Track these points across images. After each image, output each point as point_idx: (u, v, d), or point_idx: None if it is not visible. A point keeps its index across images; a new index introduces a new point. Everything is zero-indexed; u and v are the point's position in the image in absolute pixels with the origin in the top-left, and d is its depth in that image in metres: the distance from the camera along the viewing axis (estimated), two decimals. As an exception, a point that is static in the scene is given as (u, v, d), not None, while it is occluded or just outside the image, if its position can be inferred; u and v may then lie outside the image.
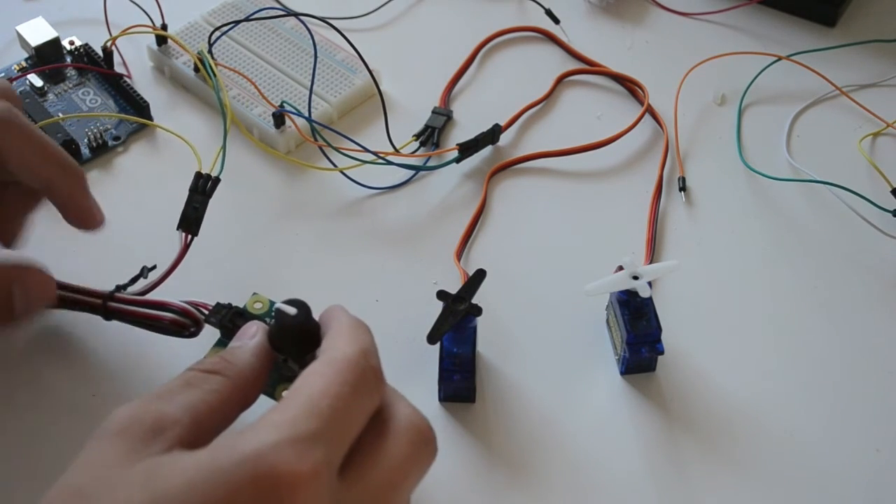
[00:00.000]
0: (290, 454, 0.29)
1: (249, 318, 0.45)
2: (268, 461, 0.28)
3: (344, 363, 0.32)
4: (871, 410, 0.46)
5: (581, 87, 0.61)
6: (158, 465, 0.29)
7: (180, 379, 0.33)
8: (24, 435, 0.44)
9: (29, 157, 0.42)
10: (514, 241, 0.53)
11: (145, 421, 0.31)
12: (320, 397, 0.31)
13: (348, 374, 0.32)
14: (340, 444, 0.31)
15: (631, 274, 0.46)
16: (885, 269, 0.51)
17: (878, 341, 0.48)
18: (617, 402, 0.46)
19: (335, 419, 0.30)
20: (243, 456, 0.29)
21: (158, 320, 0.45)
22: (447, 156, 0.55)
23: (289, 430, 0.29)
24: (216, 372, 0.34)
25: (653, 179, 0.55)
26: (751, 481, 0.43)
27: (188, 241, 0.48)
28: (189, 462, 0.29)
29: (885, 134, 0.58)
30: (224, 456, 0.29)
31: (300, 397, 0.31)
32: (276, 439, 0.29)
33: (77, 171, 0.45)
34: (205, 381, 0.33)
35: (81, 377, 0.46)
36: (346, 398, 0.31)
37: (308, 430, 0.29)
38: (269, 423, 0.30)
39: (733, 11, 0.66)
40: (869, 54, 0.63)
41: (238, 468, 0.28)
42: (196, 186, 0.48)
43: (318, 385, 0.31)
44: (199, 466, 0.29)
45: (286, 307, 0.42)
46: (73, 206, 0.45)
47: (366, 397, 0.32)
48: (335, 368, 0.32)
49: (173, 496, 0.28)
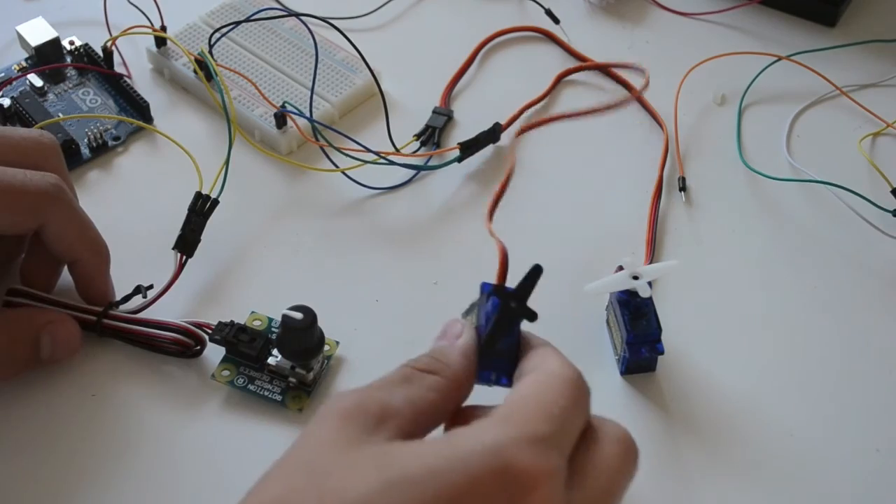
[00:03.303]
0: (531, 452, 0.30)
1: (252, 334, 0.45)
2: (509, 454, 0.29)
3: (568, 379, 0.33)
4: (871, 410, 0.46)
5: (580, 85, 0.61)
6: (390, 451, 0.30)
7: (398, 374, 0.34)
8: (24, 437, 0.44)
9: (67, 236, 0.45)
10: (514, 242, 0.53)
11: (370, 409, 0.32)
12: (552, 404, 0.32)
13: (571, 388, 0.33)
14: (567, 451, 0.32)
15: (631, 274, 0.46)
16: (885, 269, 0.51)
17: (878, 341, 0.49)
18: (617, 402, 0.46)
19: (564, 426, 0.32)
20: (485, 447, 0.29)
21: (159, 340, 0.46)
22: (448, 155, 0.55)
23: (528, 429, 0.30)
24: (433, 371, 0.34)
25: (653, 179, 0.55)
26: (751, 481, 0.43)
27: (183, 262, 0.48)
28: (427, 449, 0.30)
29: (885, 134, 0.58)
30: (465, 445, 0.30)
31: (531, 401, 0.32)
32: (517, 436, 0.30)
33: (106, 256, 0.47)
34: (423, 379, 0.34)
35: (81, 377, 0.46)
36: (570, 410, 0.32)
37: (545, 431, 0.31)
38: (506, 420, 0.31)
39: (733, 11, 0.66)
40: (869, 54, 0.63)
41: (480, 458, 0.29)
42: (195, 207, 0.48)
43: (548, 393, 0.32)
44: (438, 453, 0.29)
45: (292, 313, 0.43)
46: (92, 286, 0.47)
47: (582, 412, 0.33)
48: (560, 381, 0.33)
49: (412, 480, 0.29)
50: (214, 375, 0.45)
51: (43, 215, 0.43)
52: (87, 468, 0.43)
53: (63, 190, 0.44)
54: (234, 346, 0.45)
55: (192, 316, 0.47)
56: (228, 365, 0.46)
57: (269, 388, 0.45)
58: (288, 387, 0.45)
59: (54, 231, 0.44)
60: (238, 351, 0.45)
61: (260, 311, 0.47)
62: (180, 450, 0.44)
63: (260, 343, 0.45)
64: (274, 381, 0.45)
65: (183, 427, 0.45)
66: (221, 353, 0.46)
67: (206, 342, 0.46)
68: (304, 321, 0.43)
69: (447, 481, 0.29)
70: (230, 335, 0.45)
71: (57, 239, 0.44)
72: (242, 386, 0.45)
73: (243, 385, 0.45)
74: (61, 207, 0.44)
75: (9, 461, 0.43)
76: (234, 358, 0.46)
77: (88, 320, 0.46)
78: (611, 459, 0.33)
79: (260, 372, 0.45)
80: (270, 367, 0.45)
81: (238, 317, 0.47)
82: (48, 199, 0.43)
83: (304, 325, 0.43)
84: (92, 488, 0.42)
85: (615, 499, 0.33)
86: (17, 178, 0.43)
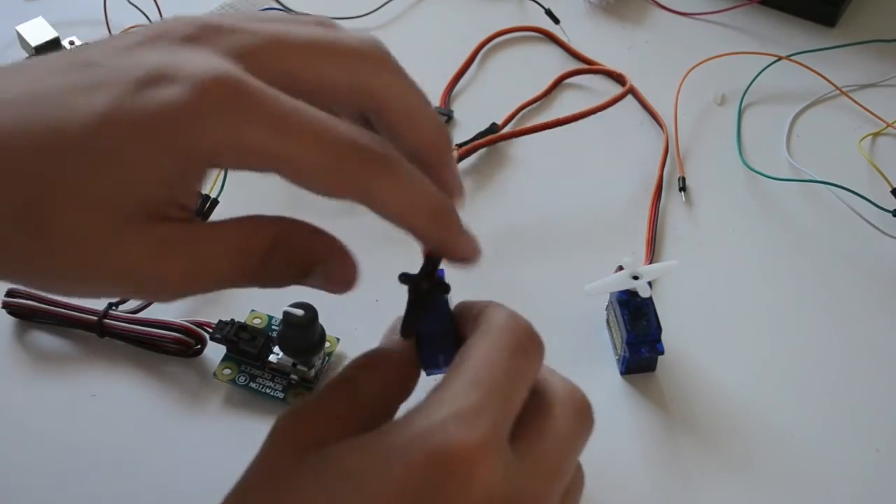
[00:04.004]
0: (458, 429, 0.29)
1: (252, 332, 0.45)
2: (438, 437, 0.28)
3: (497, 330, 0.32)
4: (871, 410, 0.46)
5: (578, 87, 0.61)
6: (328, 456, 0.30)
7: (338, 376, 0.34)
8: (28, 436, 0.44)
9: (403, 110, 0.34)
10: (514, 242, 0.53)
11: (310, 418, 0.32)
12: (479, 368, 0.31)
13: (503, 339, 0.32)
14: (506, 412, 0.30)
15: (631, 274, 0.46)
16: (885, 269, 0.52)
17: (878, 341, 0.49)
18: (617, 402, 0.46)
19: (497, 387, 0.30)
20: (414, 435, 0.29)
21: (159, 339, 0.46)
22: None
23: (453, 406, 0.29)
24: (372, 367, 0.34)
25: (653, 179, 0.55)
26: (751, 481, 0.43)
27: None
28: (358, 443, 0.29)
29: (885, 134, 0.58)
30: (398, 436, 0.29)
31: (459, 371, 0.31)
32: (443, 416, 0.29)
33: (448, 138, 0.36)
34: (363, 375, 0.33)
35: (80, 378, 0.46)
36: (504, 365, 0.31)
37: (471, 402, 0.29)
38: (434, 402, 0.30)
39: (733, 11, 0.66)
40: (869, 54, 0.63)
41: (412, 447, 0.29)
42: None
43: (476, 356, 0.31)
44: (370, 447, 0.29)
45: (293, 309, 0.43)
46: (443, 175, 0.35)
47: (524, 360, 0.32)
48: (490, 337, 0.32)
49: (347, 476, 0.29)
50: (216, 374, 0.45)
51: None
52: (87, 468, 0.43)
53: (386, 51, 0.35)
54: (234, 344, 0.45)
55: (192, 315, 0.48)
56: (229, 363, 0.46)
57: (271, 385, 0.45)
58: (290, 384, 0.45)
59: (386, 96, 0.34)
60: (239, 349, 0.45)
61: (260, 309, 0.47)
62: (182, 449, 0.44)
63: (261, 341, 0.45)
64: (275, 379, 0.45)
65: (184, 426, 0.45)
66: (222, 351, 0.46)
67: (206, 341, 0.46)
68: (306, 318, 0.43)
69: (386, 477, 0.28)
70: (231, 334, 0.45)
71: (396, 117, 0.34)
72: (244, 384, 0.45)
73: (245, 383, 0.45)
74: (389, 70, 0.35)
75: (9, 461, 0.43)
76: (235, 356, 0.46)
77: (88, 320, 0.46)
78: (563, 419, 0.32)
79: (261, 370, 0.45)
80: (272, 365, 0.45)
81: (238, 315, 0.47)
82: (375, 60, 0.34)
83: (305, 321, 0.43)
84: (92, 488, 0.42)
85: (570, 461, 0.32)
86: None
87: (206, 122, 0.29)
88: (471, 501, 0.28)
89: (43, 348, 0.47)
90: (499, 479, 0.29)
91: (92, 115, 0.28)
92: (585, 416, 0.33)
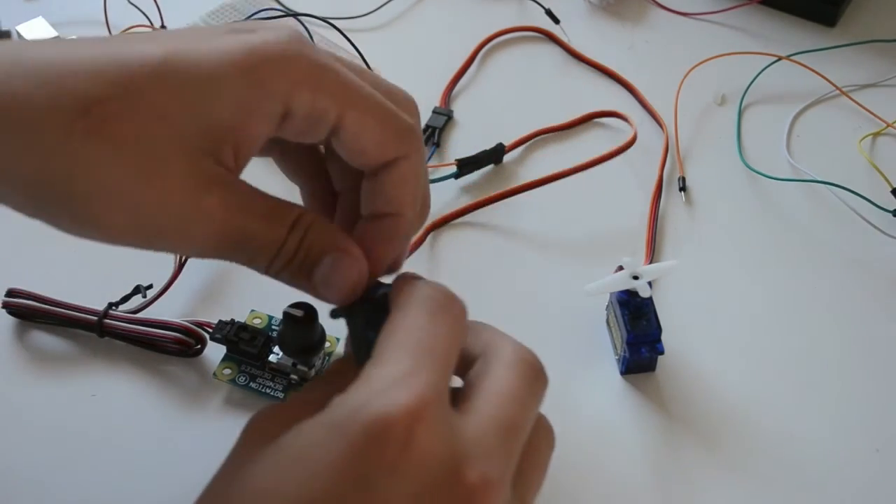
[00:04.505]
0: (390, 395, 0.29)
1: (252, 332, 0.45)
2: (371, 409, 0.29)
3: (419, 297, 0.33)
4: (871, 410, 0.46)
5: (578, 89, 0.61)
6: (282, 440, 0.30)
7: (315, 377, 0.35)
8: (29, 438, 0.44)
9: (409, 182, 0.36)
10: (514, 242, 0.53)
11: (276, 415, 0.32)
12: (403, 334, 0.31)
13: (424, 305, 0.33)
14: (438, 372, 0.31)
15: (631, 274, 0.46)
16: (885, 269, 0.52)
17: (878, 341, 0.49)
18: (617, 402, 0.46)
19: (423, 349, 0.31)
20: (349, 410, 0.29)
21: (159, 339, 0.46)
22: (447, 166, 0.55)
23: (384, 374, 0.30)
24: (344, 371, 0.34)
25: (653, 179, 0.55)
26: (751, 481, 0.43)
27: (182, 262, 0.48)
28: (306, 425, 0.30)
29: (885, 134, 0.58)
30: (336, 413, 0.30)
31: (386, 343, 0.32)
32: (375, 386, 0.30)
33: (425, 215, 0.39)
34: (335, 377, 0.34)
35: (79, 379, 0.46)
36: (427, 327, 0.32)
37: (399, 368, 0.30)
38: (366, 377, 0.30)
39: (733, 11, 0.66)
40: (869, 54, 0.63)
41: (348, 422, 0.29)
42: None
43: (399, 325, 0.32)
44: (315, 428, 0.30)
45: (294, 310, 0.43)
46: (394, 244, 0.36)
47: (449, 318, 0.33)
48: (411, 305, 0.33)
49: (295, 457, 0.29)
50: (216, 374, 0.45)
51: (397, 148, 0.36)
52: (87, 468, 0.43)
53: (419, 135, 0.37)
54: (234, 344, 0.45)
55: (192, 315, 0.48)
56: (229, 363, 0.46)
57: (271, 385, 0.45)
58: (290, 384, 0.45)
59: (397, 174, 0.36)
60: (239, 349, 0.45)
61: (260, 309, 0.47)
62: (182, 449, 0.44)
63: (261, 341, 0.45)
64: (275, 379, 0.45)
65: (184, 426, 0.45)
66: (222, 351, 0.46)
67: (206, 341, 0.46)
68: (306, 318, 0.43)
69: (329, 455, 0.29)
70: (231, 334, 0.45)
71: (398, 182, 0.36)
72: (244, 384, 0.45)
73: (245, 383, 0.45)
74: (417, 147, 0.36)
75: (9, 461, 0.43)
76: (235, 356, 0.46)
77: (88, 320, 0.46)
78: (507, 378, 0.32)
79: (261, 370, 0.45)
80: (272, 365, 0.45)
81: (238, 315, 0.47)
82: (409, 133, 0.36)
83: (305, 321, 0.43)
84: (92, 488, 0.42)
85: (520, 419, 0.32)
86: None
87: (286, 57, 0.32)
88: (413, 464, 0.29)
89: (43, 348, 0.47)
90: (439, 439, 0.29)
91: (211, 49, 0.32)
92: (534, 373, 0.33)
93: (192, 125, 0.31)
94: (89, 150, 0.30)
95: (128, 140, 0.30)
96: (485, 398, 0.32)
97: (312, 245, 0.34)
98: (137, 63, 0.31)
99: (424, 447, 0.29)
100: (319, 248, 0.34)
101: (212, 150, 0.31)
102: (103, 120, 0.30)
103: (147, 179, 0.31)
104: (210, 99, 0.31)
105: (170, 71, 0.31)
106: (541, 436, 0.33)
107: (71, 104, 0.30)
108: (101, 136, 0.30)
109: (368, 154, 0.35)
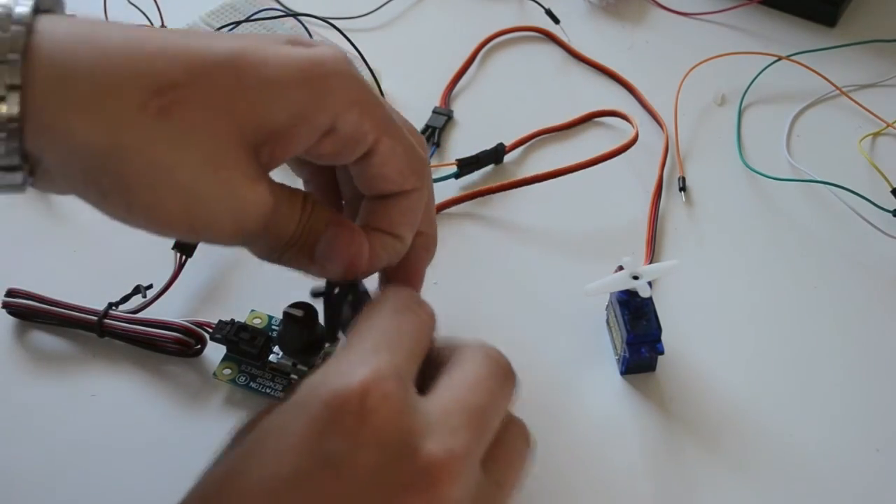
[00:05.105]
0: (349, 373, 0.30)
1: (252, 332, 0.45)
2: (329, 386, 0.30)
3: (388, 297, 0.35)
4: (871, 410, 0.46)
5: (579, 88, 0.61)
6: (258, 424, 0.31)
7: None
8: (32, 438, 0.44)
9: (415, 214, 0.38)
10: (514, 242, 0.53)
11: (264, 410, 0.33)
12: (367, 326, 0.33)
13: (391, 303, 0.34)
14: (397, 355, 0.32)
15: (631, 274, 0.46)
16: (885, 269, 0.52)
17: (878, 341, 0.49)
18: (617, 402, 0.46)
19: (386, 338, 0.32)
20: (313, 387, 0.30)
21: (159, 339, 0.46)
22: (447, 166, 0.55)
23: (345, 358, 0.32)
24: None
25: (653, 179, 0.55)
26: (751, 481, 0.43)
27: (182, 262, 0.48)
28: (278, 407, 0.31)
29: (885, 134, 0.58)
30: (302, 393, 0.31)
31: (351, 336, 0.33)
32: (337, 368, 0.31)
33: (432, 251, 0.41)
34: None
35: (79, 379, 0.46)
36: (392, 321, 0.33)
37: (362, 350, 0.32)
38: (331, 362, 0.32)
39: (733, 11, 0.66)
40: (869, 54, 0.63)
41: (311, 397, 0.30)
42: None
43: (366, 319, 0.34)
44: (284, 408, 0.31)
45: (294, 310, 0.43)
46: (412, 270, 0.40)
47: (414, 318, 0.34)
48: (381, 303, 0.34)
49: (262, 437, 0.30)
50: (216, 374, 0.45)
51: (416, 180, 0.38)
52: (87, 468, 0.43)
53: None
54: (234, 344, 0.45)
55: (192, 315, 0.48)
56: (230, 363, 0.46)
57: (272, 385, 0.45)
58: (290, 384, 0.45)
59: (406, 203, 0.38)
60: (239, 349, 0.45)
61: (260, 309, 0.47)
62: (182, 449, 0.44)
63: (261, 341, 0.45)
64: (276, 379, 0.45)
65: (185, 426, 0.45)
66: (222, 351, 0.46)
67: (206, 341, 0.46)
68: (306, 318, 0.43)
69: (294, 430, 0.30)
70: (231, 334, 0.45)
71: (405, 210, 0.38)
72: (244, 384, 0.45)
73: (245, 383, 0.45)
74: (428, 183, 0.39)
75: (9, 461, 0.43)
76: (236, 356, 0.46)
77: (88, 320, 0.46)
78: (472, 368, 0.33)
79: (261, 370, 0.45)
80: (272, 365, 0.45)
81: (238, 315, 0.47)
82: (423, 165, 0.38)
83: (305, 321, 0.43)
84: (93, 488, 0.42)
85: (486, 411, 0.32)
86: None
87: (344, 76, 0.34)
88: (370, 433, 0.29)
89: (43, 348, 0.47)
90: (396, 411, 0.30)
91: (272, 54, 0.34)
92: (502, 371, 0.34)
93: (253, 121, 0.33)
94: (159, 129, 0.31)
95: (195, 126, 0.32)
96: (448, 384, 0.33)
97: (314, 224, 0.36)
98: (211, 55, 0.32)
99: (381, 416, 0.30)
100: (318, 227, 0.36)
101: (257, 146, 0.33)
102: (176, 103, 0.31)
103: (212, 168, 0.32)
104: (272, 99, 0.33)
105: (240, 67, 0.32)
106: (514, 431, 0.34)
107: (147, 83, 0.31)
108: (171, 118, 0.31)
109: (389, 181, 0.37)
